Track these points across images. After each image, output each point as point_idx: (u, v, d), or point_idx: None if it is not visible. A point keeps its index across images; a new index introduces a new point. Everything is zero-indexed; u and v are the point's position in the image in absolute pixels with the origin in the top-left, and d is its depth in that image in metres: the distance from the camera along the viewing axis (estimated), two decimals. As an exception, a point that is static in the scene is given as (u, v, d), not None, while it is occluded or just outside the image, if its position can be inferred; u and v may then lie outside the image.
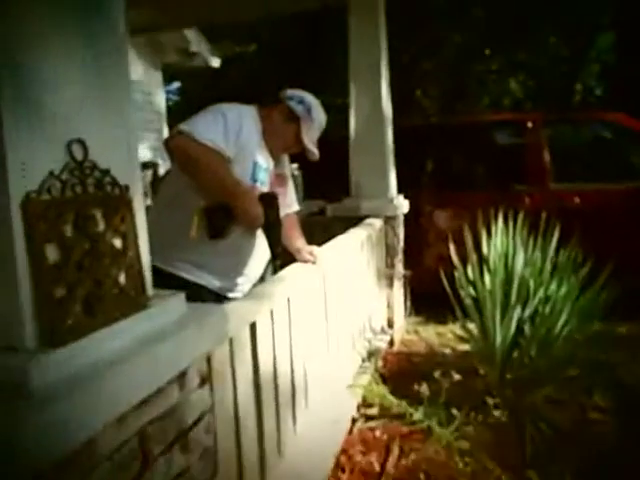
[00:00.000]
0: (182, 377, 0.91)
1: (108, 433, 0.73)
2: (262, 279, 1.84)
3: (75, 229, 0.76)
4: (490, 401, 2.10)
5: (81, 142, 0.77)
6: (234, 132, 1.53)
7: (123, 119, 0.87)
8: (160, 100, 5.40)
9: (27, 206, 0.67)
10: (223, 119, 1.52)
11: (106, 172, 0.82)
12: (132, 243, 0.87)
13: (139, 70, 5.17)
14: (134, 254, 0.87)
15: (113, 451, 0.74)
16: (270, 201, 1.56)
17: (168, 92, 13.57)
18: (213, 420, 1.10)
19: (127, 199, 0.86)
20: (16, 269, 0.67)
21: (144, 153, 4.69)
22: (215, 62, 5.52)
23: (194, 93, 11.51)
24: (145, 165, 3.99)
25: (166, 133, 5.35)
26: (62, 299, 0.72)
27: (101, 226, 0.81)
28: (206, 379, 1.01)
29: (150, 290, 0.92)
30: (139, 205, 0.91)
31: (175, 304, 0.94)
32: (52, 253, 0.71)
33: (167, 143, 1.52)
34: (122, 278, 0.84)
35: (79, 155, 0.77)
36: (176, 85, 13.04)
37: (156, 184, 3.64)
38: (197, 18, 3.86)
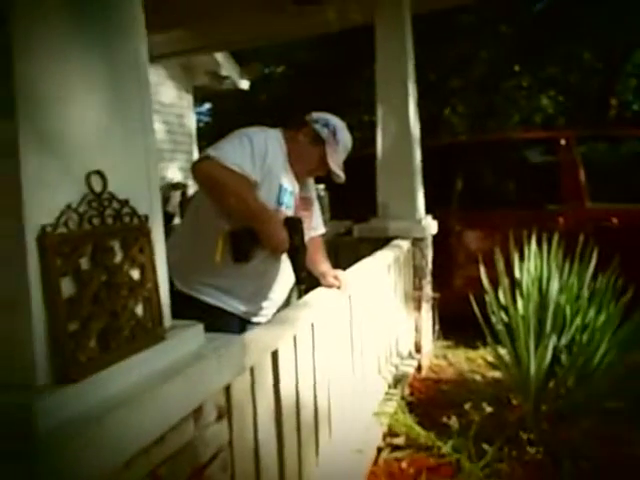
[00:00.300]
0: (198, 412, 0.88)
1: (117, 476, 0.70)
2: (287, 303, 1.81)
3: (92, 261, 0.75)
4: (524, 436, 1.98)
5: (100, 174, 0.76)
6: (260, 156, 1.53)
7: (144, 149, 0.86)
8: (191, 122, 5.52)
9: (43, 240, 0.67)
10: (250, 143, 1.52)
11: (125, 203, 0.81)
12: (150, 274, 0.85)
13: (171, 93, 5.32)
14: (152, 285, 0.85)
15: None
16: (295, 225, 1.55)
17: (199, 113, 13.94)
18: (230, 456, 1.07)
19: (146, 229, 0.85)
20: (30, 304, 0.66)
21: (174, 174, 4.79)
22: (244, 84, 5.62)
23: (225, 114, 11.78)
24: (175, 186, 4.06)
25: (196, 154, 5.45)
26: (76, 333, 0.70)
27: (119, 257, 0.80)
28: (224, 412, 0.98)
29: (168, 321, 0.91)
30: (158, 235, 0.90)
31: (193, 335, 0.92)
32: (67, 287, 0.70)
33: (194, 168, 1.52)
34: (139, 310, 0.83)
35: (98, 187, 0.76)
36: (207, 106, 13.38)
37: (185, 205, 3.69)
38: (226, 41, 3.94)
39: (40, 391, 0.65)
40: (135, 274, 0.83)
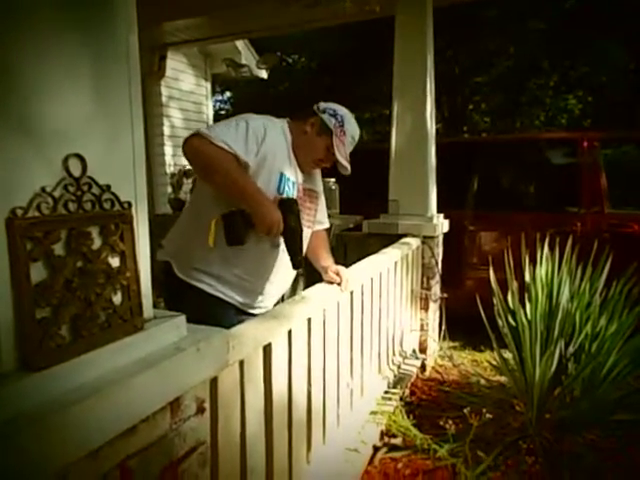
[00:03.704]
0: (175, 404, 0.86)
1: (83, 467, 0.69)
2: (292, 295, 1.79)
3: (67, 247, 0.73)
4: (523, 445, 1.93)
5: (79, 157, 0.74)
6: (255, 141, 1.50)
7: (131, 137, 0.84)
8: (208, 110, 5.51)
9: (12, 223, 0.65)
10: (245, 127, 1.49)
11: (106, 188, 0.79)
12: (131, 262, 0.83)
13: (190, 80, 5.31)
14: (132, 274, 0.83)
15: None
16: (290, 206, 1.51)
17: (220, 101, 14.00)
18: (214, 451, 1.05)
19: (128, 217, 0.83)
20: (-4, 288, 0.64)
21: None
22: (262, 73, 5.59)
23: (244, 103, 11.77)
24: (187, 173, 4.06)
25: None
26: (45, 320, 0.69)
27: (97, 244, 0.78)
28: (204, 407, 0.96)
29: (149, 311, 0.89)
30: (143, 222, 0.88)
31: (173, 327, 0.89)
32: (38, 272, 0.69)
33: (184, 144, 1.49)
34: (117, 298, 0.81)
35: (76, 171, 0.74)
36: (228, 95, 13.40)
37: (195, 192, 3.69)
38: (244, 30, 3.91)
39: (2, 378, 0.64)
40: (114, 262, 0.81)
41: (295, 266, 1.58)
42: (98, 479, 0.71)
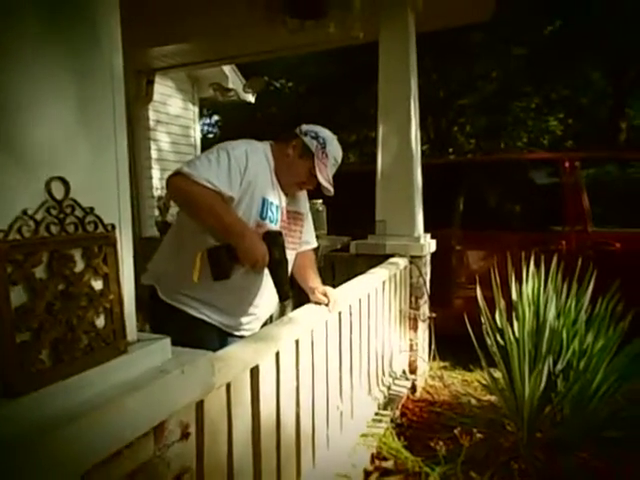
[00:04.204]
0: (159, 429, 0.85)
1: (63, 495, 0.67)
2: (280, 317, 1.77)
3: (48, 270, 0.72)
4: (515, 465, 1.91)
5: (62, 180, 0.74)
6: (238, 171, 1.50)
7: (114, 160, 0.84)
8: (195, 133, 5.56)
9: (-8, 246, 0.64)
10: (227, 158, 1.49)
11: (89, 211, 0.79)
12: (114, 285, 0.83)
13: (178, 104, 5.37)
14: (115, 297, 0.83)
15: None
16: (275, 239, 1.51)
17: (208, 125, 14.09)
18: (199, 476, 1.03)
19: (112, 239, 0.83)
20: (-25, 312, 0.63)
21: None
22: (249, 97, 5.66)
23: (232, 126, 11.89)
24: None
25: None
26: (25, 344, 0.68)
27: (80, 267, 0.77)
28: (189, 431, 0.94)
29: (133, 334, 0.88)
30: (127, 245, 0.88)
31: (157, 350, 0.88)
32: (19, 295, 0.68)
33: (167, 182, 1.50)
34: (100, 321, 0.80)
35: (59, 194, 0.74)
36: (215, 118, 13.51)
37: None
38: (230, 55, 3.97)
39: (-20, 404, 0.63)
40: (97, 285, 0.80)
41: (282, 298, 1.59)
42: (80, 508, 0.69)
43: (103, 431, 0.72)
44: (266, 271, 1.58)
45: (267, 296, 1.66)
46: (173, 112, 5.27)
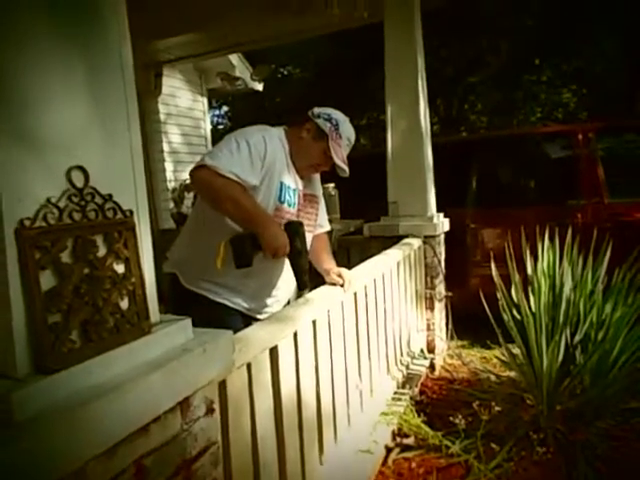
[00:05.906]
0: (185, 405, 0.89)
1: (100, 464, 0.71)
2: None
3: (73, 255, 0.76)
4: (534, 436, 1.93)
5: (81, 169, 0.78)
6: (259, 158, 1.54)
7: (129, 147, 0.87)
8: (206, 125, 5.58)
9: (21, 234, 0.68)
10: (247, 146, 1.52)
11: (108, 198, 0.82)
12: (135, 268, 0.86)
13: (187, 96, 5.39)
14: (137, 279, 0.86)
15: (106, 483, 0.72)
16: (296, 229, 1.55)
17: (217, 116, 14.11)
18: (225, 451, 1.07)
19: (130, 224, 0.86)
20: (9, 296, 0.67)
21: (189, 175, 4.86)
22: (257, 86, 5.66)
23: (241, 116, 11.88)
24: (188, 187, 4.11)
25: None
26: (56, 325, 0.72)
27: (102, 251, 0.81)
28: (214, 407, 0.98)
29: (155, 315, 0.91)
30: (145, 230, 0.91)
31: (180, 330, 0.92)
32: (48, 279, 0.72)
33: (191, 175, 1.53)
34: (124, 304, 0.84)
35: (79, 182, 0.77)
36: (225, 109, 13.53)
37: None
38: (234, 43, 3.97)
39: (19, 381, 0.67)
40: (119, 268, 0.84)
41: (301, 287, 1.62)
42: (114, 476, 0.74)
43: (132, 405, 0.76)
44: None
45: (287, 279, 1.70)
46: (182, 105, 5.30)
